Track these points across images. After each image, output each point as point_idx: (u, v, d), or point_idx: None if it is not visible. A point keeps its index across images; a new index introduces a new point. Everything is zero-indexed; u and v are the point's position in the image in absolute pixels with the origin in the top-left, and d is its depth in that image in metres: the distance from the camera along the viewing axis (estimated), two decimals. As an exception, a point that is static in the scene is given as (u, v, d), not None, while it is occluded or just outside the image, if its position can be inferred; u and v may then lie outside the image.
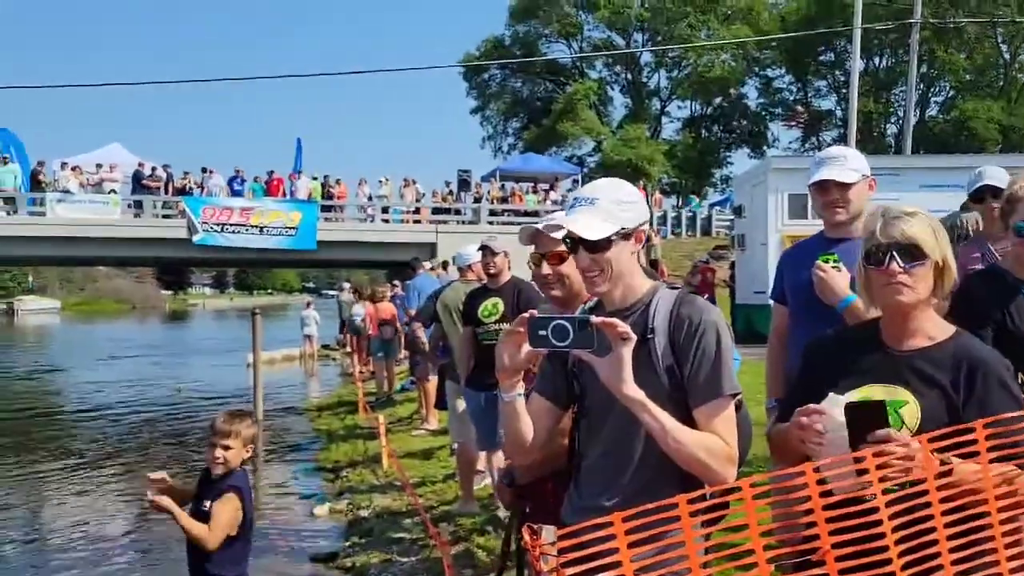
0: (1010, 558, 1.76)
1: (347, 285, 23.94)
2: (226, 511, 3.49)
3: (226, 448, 3.53)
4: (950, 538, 1.71)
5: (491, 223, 25.63)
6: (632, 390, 1.90)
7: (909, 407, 1.94)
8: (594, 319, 1.86)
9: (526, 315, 1.93)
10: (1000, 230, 2.99)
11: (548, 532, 1.63)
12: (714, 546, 1.74)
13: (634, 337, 1.87)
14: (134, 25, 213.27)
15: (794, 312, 3.19)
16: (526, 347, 1.95)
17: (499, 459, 5.99)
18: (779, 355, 3.30)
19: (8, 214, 24.05)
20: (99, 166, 25.68)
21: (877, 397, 1.95)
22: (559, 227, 2.07)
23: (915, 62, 23.87)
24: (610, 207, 2.05)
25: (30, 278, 68.37)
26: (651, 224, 26.69)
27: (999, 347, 2.19)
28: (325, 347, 24.53)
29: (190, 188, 25.43)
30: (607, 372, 1.90)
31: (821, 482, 1.70)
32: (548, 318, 1.88)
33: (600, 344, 1.86)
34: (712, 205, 37.24)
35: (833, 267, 2.89)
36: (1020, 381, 2.26)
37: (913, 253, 1.94)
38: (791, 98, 50.06)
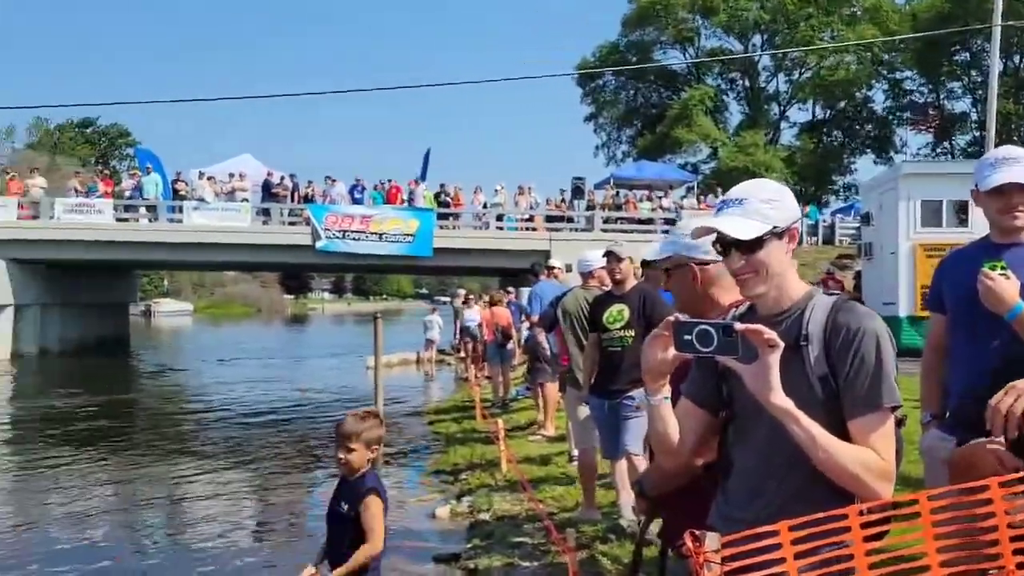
0: None
1: (461, 292, 24.33)
2: (373, 516, 3.58)
3: (350, 450, 3.61)
4: None
5: (604, 231, 25.53)
6: (779, 399, 1.84)
7: None
8: (738, 325, 1.83)
9: (671, 318, 1.91)
10: None
11: (712, 539, 1.60)
12: (884, 560, 1.67)
13: (781, 344, 1.82)
14: (249, 38, 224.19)
15: (954, 323, 3.02)
16: (671, 351, 1.93)
17: (622, 467, 5.95)
18: (935, 368, 3.14)
19: (150, 221, 25.70)
20: (231, 175, 27.09)
21: None
22: (711, 230, 2.04)
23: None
24: (759, 206, 2.00)
25: (165, 282, 72.67)
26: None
27: None
28: (440, 352, 25.00)
29: (314, 196, 26.47)
30: (753, 379, 1.86)
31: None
32: (693, 323, 1.86)
33: (745, 351, 1.82)
34: (834, 213, 35.87)
35: (1001, 274, 2.72)
36: None
37: None
38: (921, 100, 47.71)
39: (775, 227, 1.99)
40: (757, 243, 1.97)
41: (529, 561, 5.77)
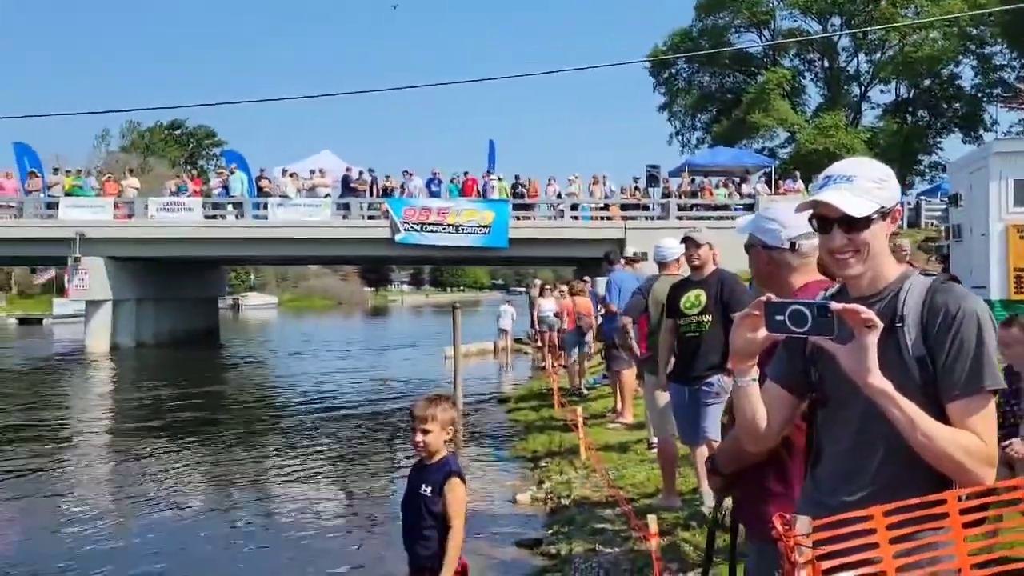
0: None
1: (537, 282, 24.39)
2: (459, 499, 3.65)
3: (425, 432, 3.67)
4: None
5: (680, 218, 25.21)
6: (878, 380, 1.81)
7: None
8: (834, 305, 1.80)
9: (762, 299, 1.90)
10: None
11: (803, 523, 1.61)
12: (984, 548, 1.66)
13: (880, 325, 1.79)
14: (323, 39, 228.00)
15: None
16: (762, 331, 1.92)
17: (703, 453, 5.92)
18: None
19: (237, 217, 26.56)
20: (312, 172, 27.73)
21: None
22: (816, 204, 1.98)
23: None
24: (868, 185, 1.96)
25: (252, 276, 74.93)
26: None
27: None
28: (517, 341, 25.15)
29: (392, 190, 26.89)
30: (849, 361, 1.83)
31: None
32: (785, 303, 1.85)
33: (841, 331, 1.79)
34: (920, 194, 34.56)
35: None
36: None
37: None
38: (1013, 76, 45.46)
39: (882, 207, 1.96)
40: (864, 222, 1.93)
41: (610, 547, 5.81)
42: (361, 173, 27.48)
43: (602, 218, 26.97)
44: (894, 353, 1.90)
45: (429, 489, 3.69)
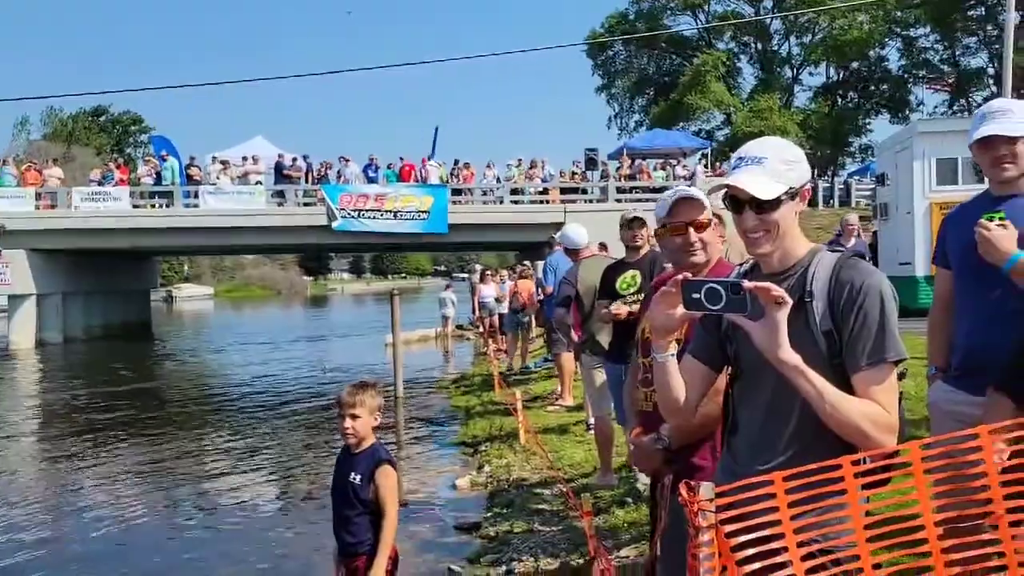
0: None
1: (478, 268, 24.42)
2: (391, 485, 3.65)
3: (354, 417, 3.65)
4: None
5: (619, 200, 25.45)
6: (787, 354, 1.86)
7: None
8: (746, 283, 1.84)
9: (679, 277, 1.93)
10: None
11: (706, 489, 1.64)
12: (878, 509, 1.72)
13: (790, 301, 1.84)
14: (250, 26, 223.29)
15: (958, 276, 3.04)
16: (680, 309, 1.95)
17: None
18: (942, 322, 3.16)
19: (166, 207, 25.90)
20: (244, 159, 27.18)
21: None
22: (723, 187, 2.04)
23: (1081, 10, 21.87)
24: (778, 166, 2.00)
25: (186, 267, 73.26)
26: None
27: None
28: (459, 327, 25.14)
29: (328, 176, 26.52)
30: (761, 336, 1.87)
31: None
32: (701, 281, 1.88)
33: (753, 308, 1.83)
34: (851, 175, 35.51)
35: (998, 225, 2.74)
36: None
37: None
38: (937, 58, 46.88)
39: (791, 188, 2.01)
40: (774, 203, 1.98)
41: (548, 526, 5.87)
42: (295, 159, 27.04)
43: (542, 202, 27.06)
44: (803, 327, 1.96)
45: (358, 477, 3.67)
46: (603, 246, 10.36)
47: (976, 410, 2.58)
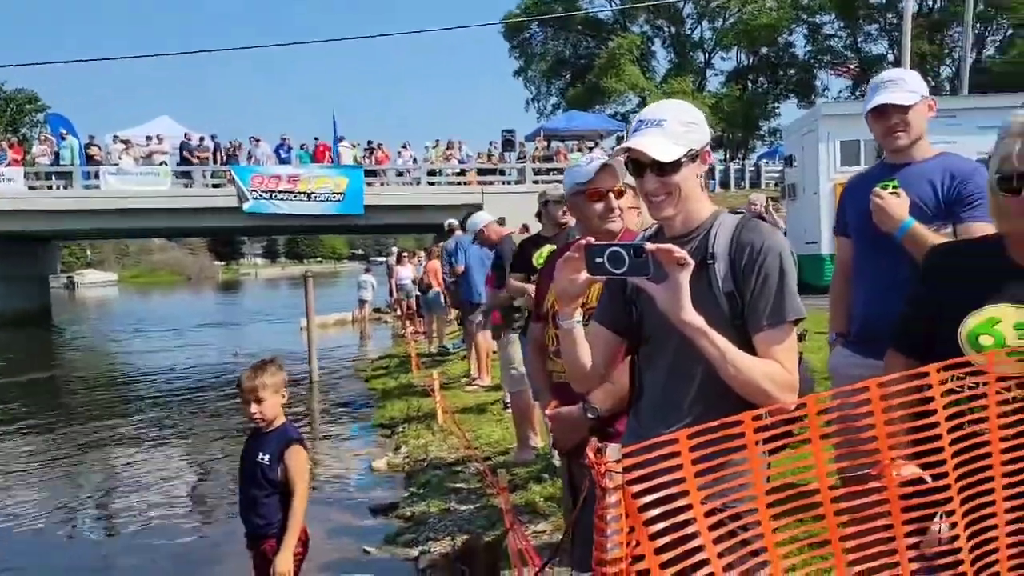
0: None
1: (394, 250, 24.18)
2: (300, 466, 3.56)
3: (259, 401, 3.55)
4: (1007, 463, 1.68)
5: (536, 182, 25.50)
6: (690, 316, 1.86)
7: None
8: (649, 245, 1.83)
9: (582, 242, 1.91)
10: None
11: (613, 450, 1.63)
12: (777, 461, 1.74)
13: (691, 263, 1.83)
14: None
15: (856, 244, 3.12)
16: (583, 274, 1.93)
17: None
18: (842, 290, 3.24)
19: (64, 188, 24.71)
20: (149, 138, 26.15)
21: (1004, 317, 1.88)
22: (628, 149, 2.02)
23: (971, 0, 22.93)
24: (678, 128, 2.00)
25: (88, 252, 70.24)
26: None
27: None
28: (376, 311, 24.86)
29: (238, 157, 25.77)
30: (664, 298, 1.87)
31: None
32: (604, 246, 1.86)
33: (656, 271, 1.83)
34: (760, 157, 36.52)
35: (892, 193, 2.81)
36: None
37: None
38: (841, 44, 48.56)
39: (692, 150, 2.00)
40: (674, 165, 1.97)
41: (465, 505, 5.85)
42: (202, 139, 26.16)
43: (460, 183, 26.93)
44: (706, 289, 1.97)
45: (267, 457, 3.57)
46: (525, 228, 10.37)
47: (875, 372, 2.65)
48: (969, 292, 1.95)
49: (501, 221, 14.22)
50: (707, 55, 50.45)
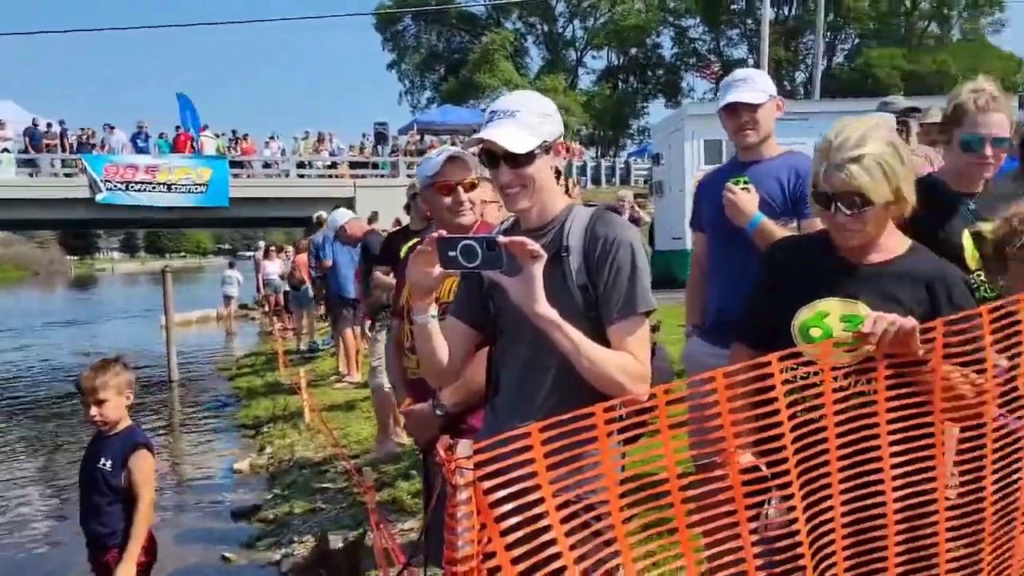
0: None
1: (261, 244, 23.38)
2: (146, 471, 3.38)
3: (100, 403, 3.35)
4: (840, 435, 1.75)
5: (410, 176, 25.26)
6: (544, 309, 1.85)
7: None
8: (501, 238, 1.81)
9: (434, 235, 1.87)
10: None
11: (464, 446, 1.59)
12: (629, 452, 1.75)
13: (544, 255, 1.82)
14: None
15: (711, 239, 3.21)
16: (437, 268, 1.89)
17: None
18: (698, 283, 3.33)
19: None
20: (-10, 124, 24.25)
21: (832, 311, 1.95)
22: (480, 140, 1.98)
23: (822, 10, 24.36)
24: (532, 119, 1.97)
25: (-79, 247, 64.61)
26: (571, 174, 26.84)
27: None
28: (243, 307, 23.99)
29: (87, 140, 24.24)
30: (517, 291, 1.85)
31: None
32: (456, 238, 1.83)
33: (509, 264, 1.81)
34: (630, 155, 37.56)
35: (743, 189, 2.91)
36: None
37: (857, 201, 1.89)
38: (705, 48, 50.61)
39: (545, 141, 1.98)
40: (528, 157, 1.95)
41: (331, 505, 5.72)
42: (50, 125, 24.48)
43: (331, 176, 26.36)
44: (560, 282, 1.96)
45: (109, 462, 3.36)
46: (398, 222, 10.25)
47: (727, 362, 2.73)
48: (804, 287, 2.04)
49: (374, 216, 14.05)
50: (579, 53, 51.50)
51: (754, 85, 3.00)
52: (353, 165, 26.59)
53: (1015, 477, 1.85)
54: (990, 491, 1.83)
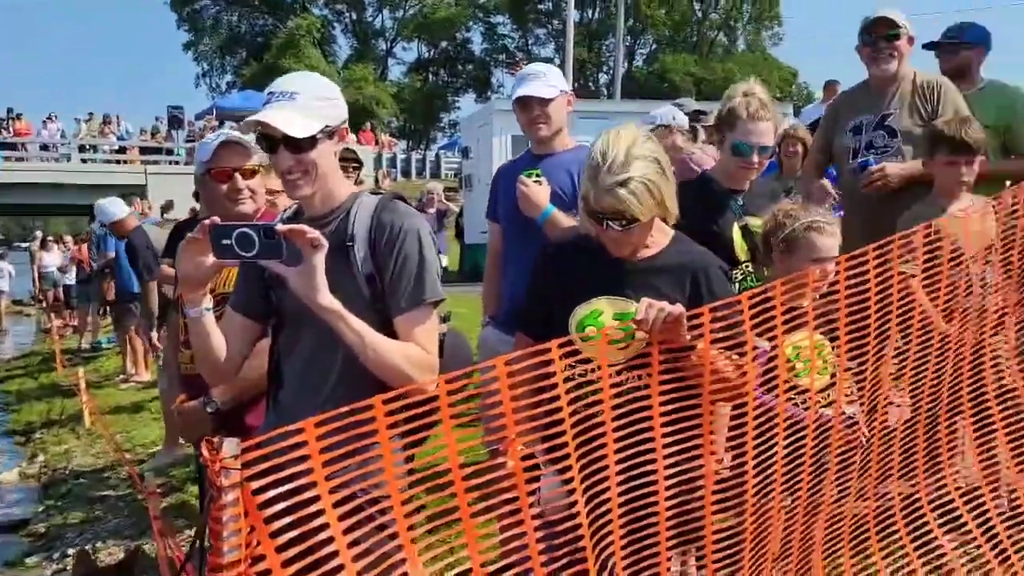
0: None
1: (38, 234, 21.36)
2: None
3: None
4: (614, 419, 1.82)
5: (207, 163, 24.05)
6: (327, 300, 1.78)
7: None
8: (280, 226, 1.71)
9: (207, 222, 1.74)
10: None
11: (230, 445, 1.49)
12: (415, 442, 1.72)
13: (326, 244, 1.75)
14: None
15: (506, 229, 3.25)
16: (210, 258, 1.77)
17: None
18: (494, 273, 3.36)
19: None
20: None
21: (605, 310, 2.01)
22: (257, 123, 1.87)
23: (622, 15, 25.61)
24: (312, 103, 1.88)
25: None
26: (381, 166, 26.57)
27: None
28: (16, 303, 21.79)
29: None
30: (298, 282, 1.76)
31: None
32: (231, 226, 1.71)
33: (289, 253, 1.72)
34: (440, 148, 37.71)
35: (535, 181, 2.96)
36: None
37: (627, 219, 2.00)
38: (514, 45, 51.70)
39: (328, 126, 1.90)
40: (309, 142, 1.86)
41: (112, 514, 5.32)
42: None
43: (119, 162, 24.52)
44: (345, 272, 1.90)
45: None
46: (194, 212, 9.68)
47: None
48: (578, 283, 2.12)
49: (168, 205, 13.24)
50: (389, 44, 51.01)
51: (546, 80, 3.06)
52: (144, 151, 24.88)
53: (773, 452, 1.99)
54: (751, 465, 1.96)
